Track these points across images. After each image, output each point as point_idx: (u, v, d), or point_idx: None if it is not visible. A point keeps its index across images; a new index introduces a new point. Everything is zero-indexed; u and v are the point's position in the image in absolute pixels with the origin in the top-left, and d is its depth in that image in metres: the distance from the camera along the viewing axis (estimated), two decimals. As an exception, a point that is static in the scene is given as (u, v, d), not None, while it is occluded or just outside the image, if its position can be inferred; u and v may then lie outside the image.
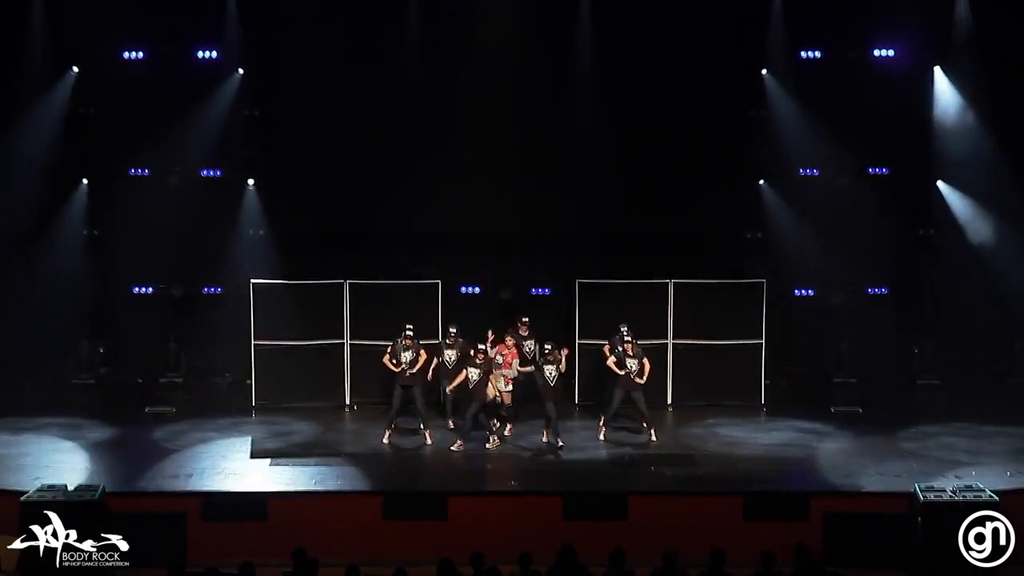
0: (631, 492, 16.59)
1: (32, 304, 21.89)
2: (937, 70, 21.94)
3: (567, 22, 22.04)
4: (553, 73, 22.07)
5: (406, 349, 18.71)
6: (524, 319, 20.03)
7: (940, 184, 22.24)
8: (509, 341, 19.06)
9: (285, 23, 21.87)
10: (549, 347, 18.67)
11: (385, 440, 18.67)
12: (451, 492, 16.60)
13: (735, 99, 22.14)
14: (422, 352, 18.86)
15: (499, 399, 18.66)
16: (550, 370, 18.42)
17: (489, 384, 18.44)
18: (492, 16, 21.75)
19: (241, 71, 22.12)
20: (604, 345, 19.41)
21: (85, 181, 22.46)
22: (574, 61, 22.08)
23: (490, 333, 19.30)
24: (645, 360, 18.84)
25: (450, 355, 19.43)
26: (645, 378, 18.85)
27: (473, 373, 18.34)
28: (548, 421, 18.56)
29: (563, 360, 18.68)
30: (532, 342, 19.68)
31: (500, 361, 18.71)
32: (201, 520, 16.08)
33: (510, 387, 18.74)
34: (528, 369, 19.01)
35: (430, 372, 19.21)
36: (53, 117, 21.90)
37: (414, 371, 18.69)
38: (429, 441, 18.71)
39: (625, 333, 18.97)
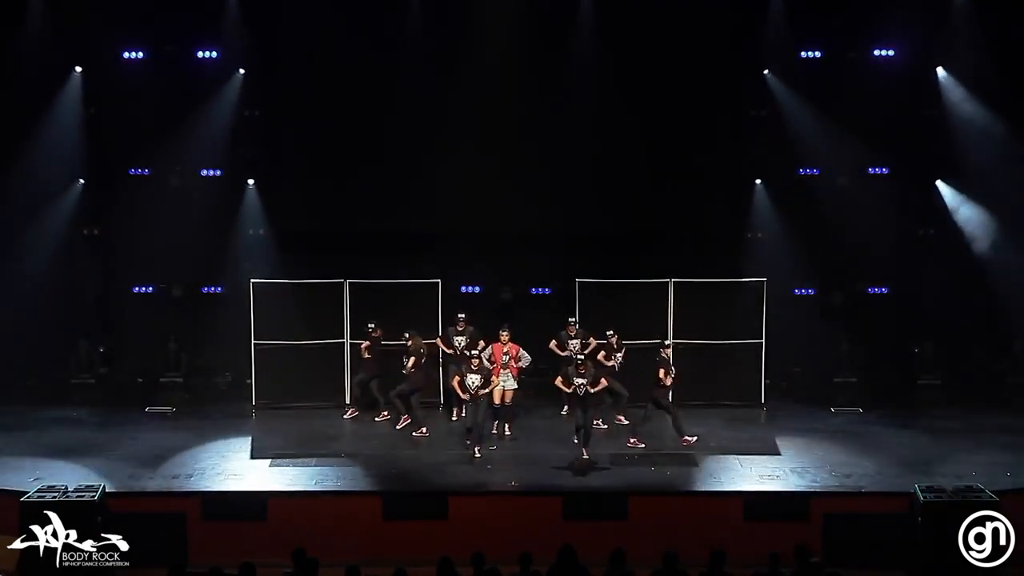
0: (631, 492, 16.57)
1: (32, 303, 21.88)
2: (940, 71, 22.01)
3: (567, 23, 22.07)
4: (553, 73, 22.07)
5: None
6: (572, 320, 19.97)
7: (940, 184, 22.27)
8: (504, 337, 19.09)
9: (285, 23, 21.90)
10: (580, 360, 18.47)
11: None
12: (451, 492, 16.58)
13: (735, 99, 22.16)
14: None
15: (504, 399, 18.70)
16: (579, 382, 17.82)
17: (497, 387, 18.46)
18: (492, 17, 21.77)
19: (242, 71, 22.14)
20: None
21: (85, 181, 22.48)
22: (574, 61, 22.08)
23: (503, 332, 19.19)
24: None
25: (460, 341, 19.44)
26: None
27: (473, 379, 18.04)
28: (576, 430, 18.05)
29: (591, 378, 18.00)
30: (577, 342, 19.56)
31: (506, 360, 18.72)
32: (201, 520, 16.08)
33: (516, 384, 18.72)
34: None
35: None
36: (54, 117, 21.91)
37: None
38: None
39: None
